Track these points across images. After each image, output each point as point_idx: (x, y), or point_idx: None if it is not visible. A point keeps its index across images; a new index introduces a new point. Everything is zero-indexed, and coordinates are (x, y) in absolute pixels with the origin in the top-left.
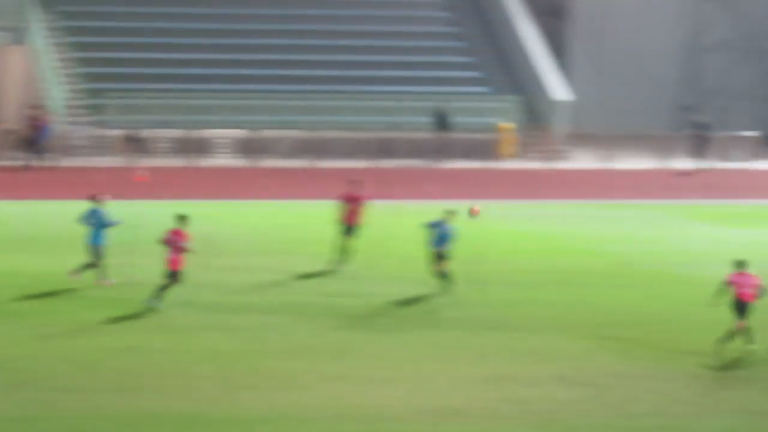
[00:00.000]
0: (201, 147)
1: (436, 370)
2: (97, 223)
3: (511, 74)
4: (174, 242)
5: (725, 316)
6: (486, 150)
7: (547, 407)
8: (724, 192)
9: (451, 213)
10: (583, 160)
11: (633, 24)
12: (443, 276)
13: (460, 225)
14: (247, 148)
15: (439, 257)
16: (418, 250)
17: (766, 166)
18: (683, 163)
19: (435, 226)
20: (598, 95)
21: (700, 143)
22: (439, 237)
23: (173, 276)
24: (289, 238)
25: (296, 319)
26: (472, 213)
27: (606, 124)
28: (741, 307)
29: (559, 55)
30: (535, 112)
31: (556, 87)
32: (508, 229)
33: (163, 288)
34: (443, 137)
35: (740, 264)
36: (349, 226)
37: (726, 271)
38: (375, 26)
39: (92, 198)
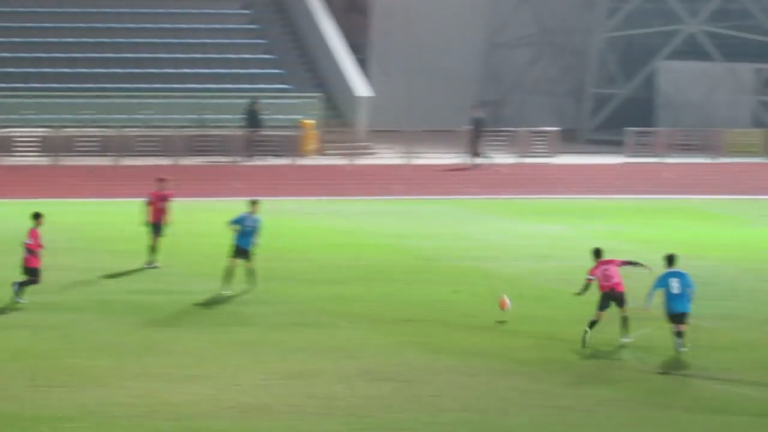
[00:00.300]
0: (2, 146)
1: (242, 367)
2: None
3: (313, 71)
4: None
5: (532, 311)
6: (290, 147)
7: (353, 403)
8: (525, 187)
9: (255, 203)
10: (386, 157)
11: (434, 20)
12: (250, 273)
13: (263, 216)
14: (49, 146)
15: (245, 253)
16: (223, 247)
17: (566, 160)
18: (464, 158)
19: (239, 221)
20: (400, 91)
21: (475, 138)
22: (244, 232)
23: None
24: (94, 236)
25: (102, 317)
26: (501, 306)
27: (409, 120)
28: (612, 298)
29: (361, 51)
30: (337, 108)
31: (358, 84)
32: (311, 225)
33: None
34: (252, 135)
35: (598, 252)
36: (156, 223)
37: (532, 266)
38: (178, 24)
39: None
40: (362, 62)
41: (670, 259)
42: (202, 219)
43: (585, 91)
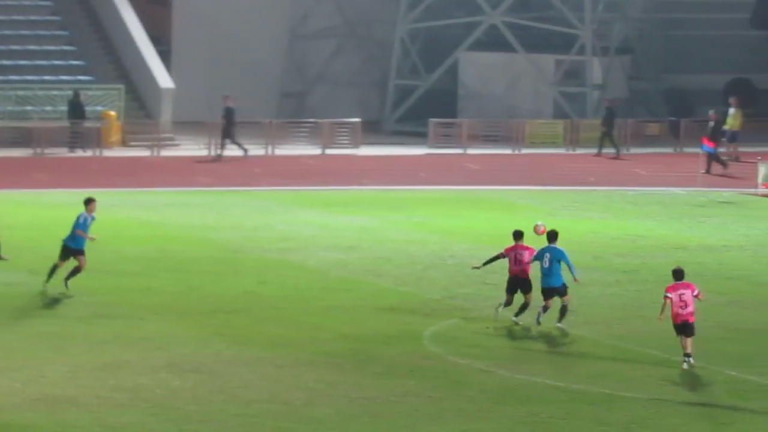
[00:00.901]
0: None
1: (49, 359)
2: None
3: (116, 63)
4: None
5: (338, 302)
6: (93, 138)
7: (160, 394)
8: (331, 178)
9: (90, 201)
10: (190, 148)
11: (237, 11)
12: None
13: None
14: None
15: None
16: (29, 240)
17: (371, 151)
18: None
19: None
20: (204, 83)
21: (226, 129)
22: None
23: None
24: None
25: None
26: (536, 230)
27: (213, 112)
28: (518, 283)
29: (164, 42)
30: (141, 100)
31: (161, 75)
32: (116, 218)
33: None
34: (74, 126)
35: (518, 235)
36: None
37: (337, 257)
38: None
39: None
40: (165, 54)
41: (550, 236)
42: (3, 210)
43: (388, 83)
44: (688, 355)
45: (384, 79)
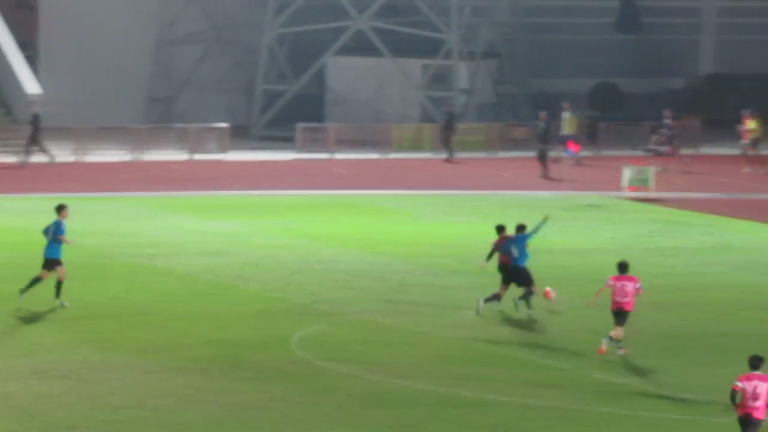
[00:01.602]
0: None
1: None
2: None
3: None
4: None
5: (206, 307)
6: None
7: (27, 402)
8: (198, 184)
9: (62, 208)
10: (57, 154)
11: (104, 16)
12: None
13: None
14: None
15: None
16: None
17: (238, 157)
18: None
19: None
20: (71, 88)
21: (33, 135)
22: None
23: None
24: None
25: None
26: (546, 295)
27: (80, 118)
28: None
29: (31, 48)
30: (7, 106)
31: (27, 81)
32: None
33: None
34: None
35: (500, 228)
36: None
37: (205, 262)
38: None
39: None
40: (31, 59)
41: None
42: None
43: (256, 88)
44: (613, 339)
45: (251, 84)
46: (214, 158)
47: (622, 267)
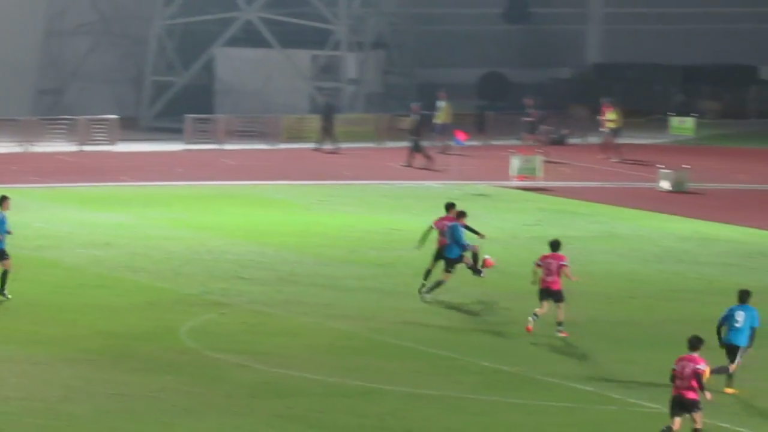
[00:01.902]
0: None
1: None
2: None
3: None
4: None
5: (93, 299)
6: None
7: None
8: (87, 175)
9: (5, 198)
10: None
11: None
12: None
13: None
14: None
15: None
16: None
17: (127, 148)
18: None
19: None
20: None
21: None
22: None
23: None
24: None
25: None
26: (485, 264)
27: None
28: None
29: None
30: None
31: None
32: None
33: None
34: None
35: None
36: None
37: (93, 254)
38: None
39: None
40: None
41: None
42: None
43: (144, 79)
44: (559, 323)
45: (141, 76)
46: (104, 150)
47: (553, 245)
